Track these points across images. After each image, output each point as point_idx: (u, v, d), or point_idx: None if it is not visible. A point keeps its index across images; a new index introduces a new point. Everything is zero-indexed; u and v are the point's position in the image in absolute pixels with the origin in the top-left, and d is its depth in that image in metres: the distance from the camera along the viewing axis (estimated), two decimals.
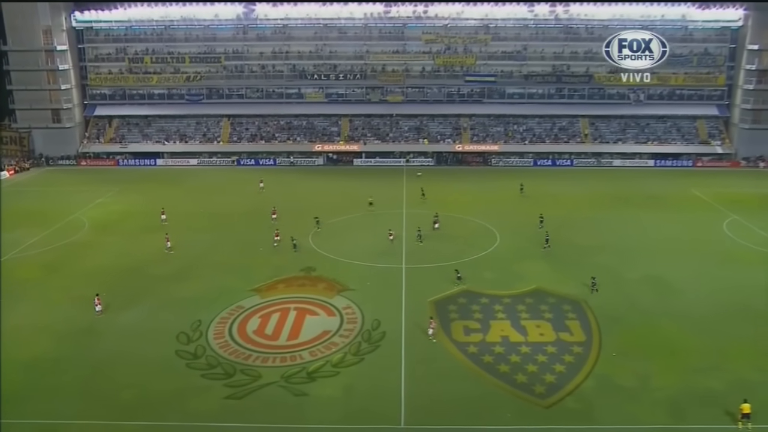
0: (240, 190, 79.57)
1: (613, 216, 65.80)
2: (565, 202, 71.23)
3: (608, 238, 58.52)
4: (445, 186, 79.74)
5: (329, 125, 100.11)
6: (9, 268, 52.31)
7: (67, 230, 62.43)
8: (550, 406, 32.86)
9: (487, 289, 47.02)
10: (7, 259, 54.19)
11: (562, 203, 70.21)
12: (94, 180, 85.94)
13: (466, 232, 60.62)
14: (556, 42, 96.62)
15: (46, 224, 63.59)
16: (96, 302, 42.70)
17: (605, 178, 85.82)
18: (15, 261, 54.04)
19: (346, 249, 55.43)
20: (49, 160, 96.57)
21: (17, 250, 56.42)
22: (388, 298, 45.56)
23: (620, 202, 71.72)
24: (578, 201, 72.25)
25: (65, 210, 69.16)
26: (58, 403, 33.24)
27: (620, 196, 74.50)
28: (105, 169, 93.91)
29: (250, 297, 45.93)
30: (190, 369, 36.40)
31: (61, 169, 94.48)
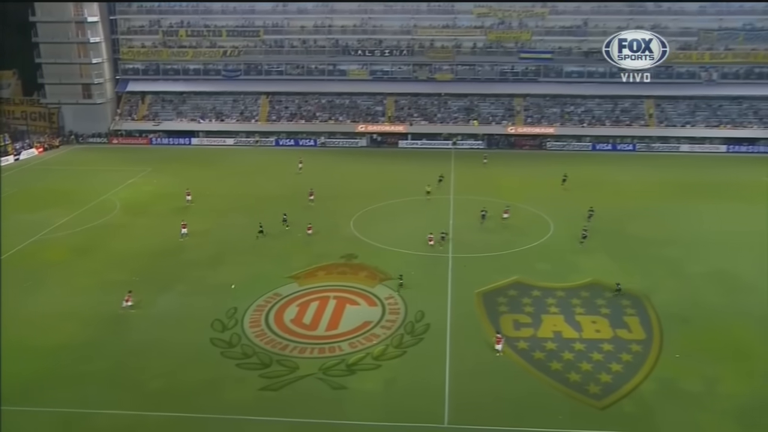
0: (278, 171, 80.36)
1: (679, 206, 64.61)
2: (625, 190, 70.19)
3: (673, 230, 57.59)
4: (496, 171, 79.30)
5: (373, 104, 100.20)
6: (36, 249, 53.96)
7: (97, 211, 64.01)
8: (605, 408, 32.69)
9: (539, 281, 46.81)
10: (35, 241, 55.84)
11: (623, 191, 69.21)
12: (125, 159, 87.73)
13: (517, 221, 60.22)
14: (619, 16, 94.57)
15: (76, 205, 65.28)
16: (126, 299, 42.84)
17: (671, 164, 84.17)
18: (43, 242, 55.64)
19: (389, 236, 55.68)
20: (79, 138, 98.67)
21: (45, 231, 58.06)
22: (432, 289, 45.71)
23: (687, 190, 70.35)
24: (640, 189, 71.13)
25: (95, 190, 70.88)
26: (84, 391, 34.17)
27: (687, 184, 73.08)
28: (137, 148, 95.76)
29: (287, 284, 46.55)
30: (225, 358, 37.12)
31: (91, 147, 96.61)
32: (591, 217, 58.86)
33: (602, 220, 59.09)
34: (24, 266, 50.30)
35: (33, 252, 53.32)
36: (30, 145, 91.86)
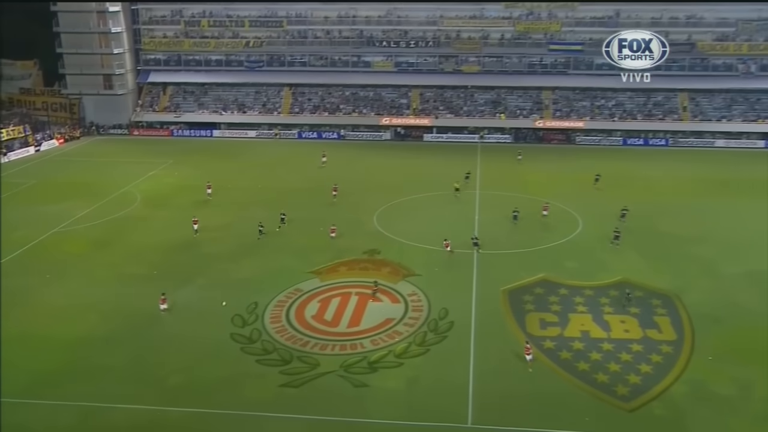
0: (301, 164, 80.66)
1: (714, 203, 63.86)
2: (658, 186, 69.51)
3: (707, 228, 56.94)
4: (523, 165, 78.94)
5: (398, 97, 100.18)
6: (57, 241, 54.72)
7: (117, 203, 64.72)
8: (634, 411, 32.43)
9: (567, 278, 46.56)
10: (56, 232, 56.60)
11: (655, 188, 68.55)
12: (146, 151, 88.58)
13: (545, 217, 59.98)
14: (653, 6, 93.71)
15: (96, 197, 66.05)
16: (162, 300, 42.27)
17: (706, 160, 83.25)
18: (63, 234, 56.38)
19: (413, 231, 55.67)
20: (100, 129, 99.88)
21: (66, 222, 58.80)
22: (457, 286, 45.65)
23: (722, 187, 69.51)
24: (673, 185, 70.44)
25: (116, 182, 71.65)
26: (102, 385, 34.54)
27: (722, 181, 72.18)
28: (158, 140, 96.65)
29: (309, 279, 46.74)
30: (245, 354, 37.35)
31: (112, 138, 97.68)
32: (624, 216, 57.99)
33: (633, 216, 58.52)
34: (44, 258, 51.07)
35: (53, 244, 54.07)
36: (51, 136, 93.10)
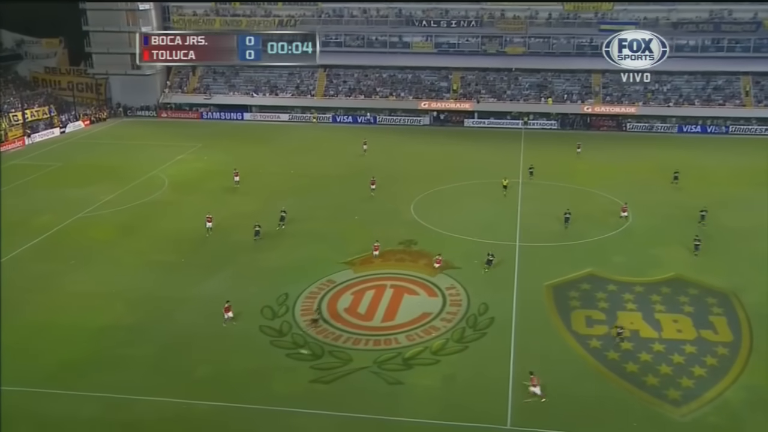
0: (336, 150, 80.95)
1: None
2: (716, 176, 68.37)
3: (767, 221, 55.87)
4: (569, 154, 78.15)
5: (438, 80, 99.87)
6: (82, 226, 55.61)
7: (145, 188, 65.63)
8: (686, 416, 31.98)
9: (615, 274, 46.06)
10: (81, 217, 57.53)
11: (713, 178, 67.43)
12: (175, 134, 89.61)
13: (592, 208, 59.41)
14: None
15: (123, 181, 67.04)
16: (226, 308, 39.85)
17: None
18: (88, 220, 57.26)
19: (452, 221, 55.57)
20: (128, 111, 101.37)
21: (91, 208, 59.73)
22: (498, 280, 45.44)
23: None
24: (733, 176, 69.22)
25: (143, 166, 72.63)
26: (126, 375, 34.99)
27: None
28: (187, 123, 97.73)
29: (342, 270, 46.87)
30: (274, 347, 37.60)
31: (140, 120, 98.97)
32: (704, 219, 54.78)
33: (687, 208, 57.67)
34: (69, 243, 51.97)
35: (78, 229, 54.97)
36: (76, 117, 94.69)
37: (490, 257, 46.72)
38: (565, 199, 60.78)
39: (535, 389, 32.78)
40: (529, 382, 32.94)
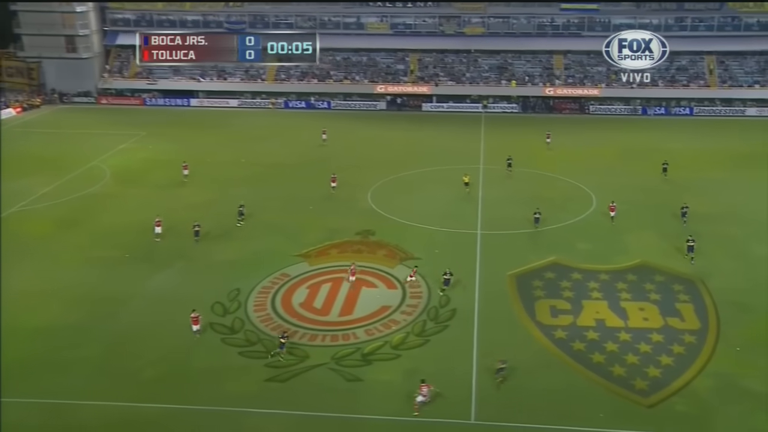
0: (288, 137, 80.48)
1: (744, 178, 63.76)
2: (681, 159, 69.26)
3: (735, 205, 56.98)
4: (532, 138, 78.73)
5: (394, 62, 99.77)
6: (17, 221, 54.37)
7: (84, 180, 64.45)
8: (653, 406, 32.52)
9: (580, 262, 46.60)
10: (15, 212, 56.29)
11: (678, 161, 68.25)
12: (116, 121, 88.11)
13: (555, 193, 60.04)
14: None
15: (60, 172, 65.74)
16: (194, 320, 38.03)
17: (735, 130, 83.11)
18: (23, 214, 56.05)
19: (411, 210, 55.69)
20: (63, 97, 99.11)
21: (26, 201, 58.44)
22: (459, 270, 45.48)
23: (753, 161, 69.26)
24: (698, 159, 70.44)
25: (82, 156, 71.30)
26: (68, 379, 34.42)
27: (754, 154, 71.83)
28: (129, 109, 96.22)
29: (296, 263, 46.70)
30: (226, 345, 37.36)
31: (77, 107, 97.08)
32: (686, 216, 52.59)
33: (652, 193, 58.56)
34: (3, 239, 50.53)
35: (13, 224, 53.68)
36: (6, 105, 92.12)
37: (447, 276, 42.87)
38: (527, 184, 61.48)
39: (421, 398, 32.04)
40: None
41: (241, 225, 53.35)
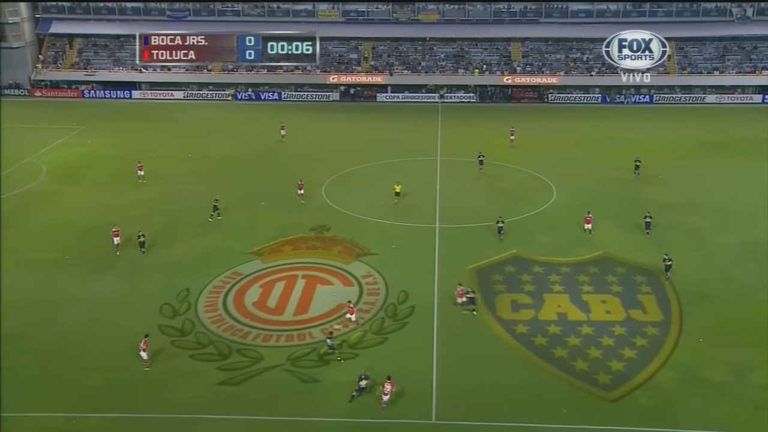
0: (237, 130, 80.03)
1: (705, 166, 65.29)
2: (641, 148, 70.20)
3: (696, 194, 58.18)
4: (489, 128, 79.40)
5: (347, 51, 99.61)
6: None
7: (19, 177, 63.35)
8: (617, 401, 33.15)
9: (540, 255, 47.18)
10: None
11: (639, 150, 69.17)
12: (52, 115, 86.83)
13: (514, 185, 60.75)
14: None
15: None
16: (142, 348, 35.46)
17: (695, 117, 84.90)
18: None
19: (366, 204, 55.82)
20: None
21: None
22: (417, 265, 45.92)
23: (714, 148, 71.02)
24: (659, 147, 71.59)
25: (16, 152, 69.88)
26: (8, 390, 33.84)
27: (714, 141, 73.72)
28: (66, 102, 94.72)
29: (249, 261, 46.59)
30: (176, 348, 37.18)
31: (8, 100, 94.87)
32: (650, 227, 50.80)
33: (614, 183, 59.47)
34: None
35: None
36: None
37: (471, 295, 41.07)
38: (486, 176, 62.03)
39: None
40: None
41: (212, 220, 53.13)
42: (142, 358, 35.44)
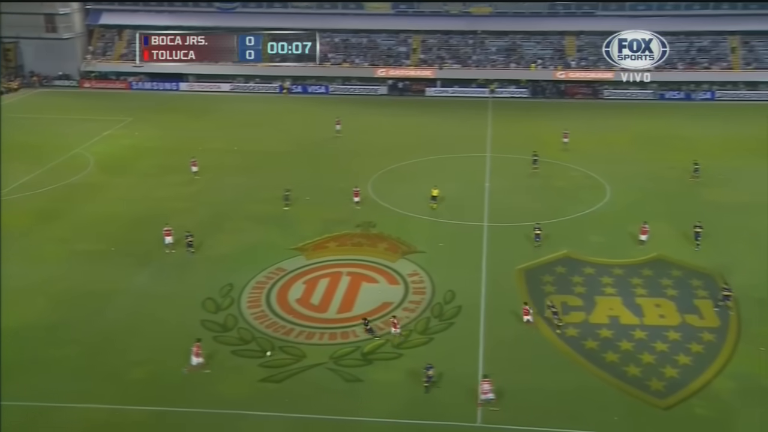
0: (284, 124, 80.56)
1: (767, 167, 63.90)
2: (701, 147, 69.15)
3: (758, 195, 56.77)
4: (542, 124, 78.86)
5: (396, 44, 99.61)
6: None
7: (66, 168, 64.51)
8: (670, 408, 32.62)
9: (592, 255, 46.69)
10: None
11: (697, 148, 68.26)
12: (100, 107, 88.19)
13: (566, 183, 60.28)
14: None
15: (41, 160, 65.78)
16: (195, 353, 35.21)
17: (761, 116, 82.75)
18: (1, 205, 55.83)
19: (413, 201, 55.71)
20: (43, 80, 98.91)
21: (4, 191, 58.24)
22: (464, 264, 45.76)
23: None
24: (720, 146, 70.33)
25: (64, 143, 71.34)
26: (52, 381, 34.45)
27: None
28: (114, 94, 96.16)
29: (293, 257, 46.81)
30: (218, 344, 37.39)
31: (58, 91, 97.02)
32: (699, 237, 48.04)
33: (669, 182, 58.61)
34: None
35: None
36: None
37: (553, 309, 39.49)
38: (536, 174, 61.53)
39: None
40: None
41: (287, 209, 54.11)
42: (195, 364, 34.79)
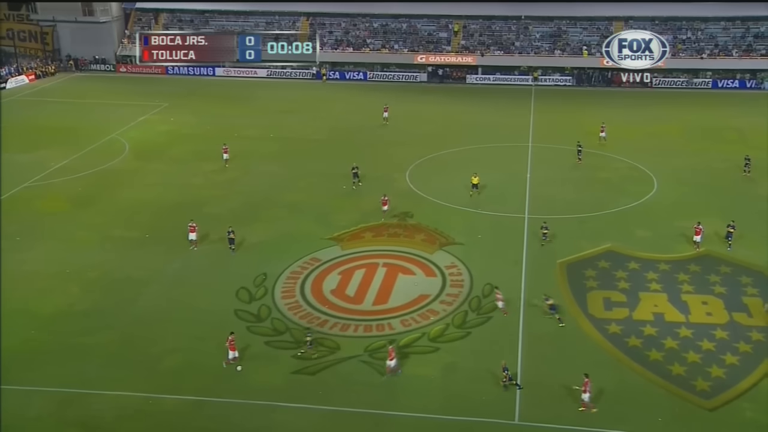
0: (320, 110, 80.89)
1: None
2: (756, 139, 68.17)
3: None
4: (587, 113, 78.20)
5: (437, 30, 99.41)
6: (29, 197, 55.44)
7: (102, 154, 65.39)
8: (716, 409, 32.29)
9: (637, 250, 46.28)
10: (27, 187, 57.30)
11: (752, 141, 67.32)
12: (136, 91, 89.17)
13: (611, 174, 59.75)
14: None
15: (76, 145, 66.79)
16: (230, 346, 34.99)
17: None
18: (36, 189, 57.06)
19: (452, 191, 55.65)
20: (80, 64, 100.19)
21: (40, 176, 59.50)
22: (504, 257, 45.65)
23: None
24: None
25: (100, 128, 72.32)
26: (84, 368, 34.99)
27: None
28: (150, 78, 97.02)
29: (328, 247, 47.03)
30: (252, 334, 37.73)
31: (94, 75, 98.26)
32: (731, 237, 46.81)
33: (720, 175, 57.86)
34: (14, 217, 51.64)
35: (25, 200, 54.78)
36: (19, 71, 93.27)
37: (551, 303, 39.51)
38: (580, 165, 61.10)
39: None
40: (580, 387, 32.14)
41: (355, 188, 55.89)
42: (230, 358, 34.78)
